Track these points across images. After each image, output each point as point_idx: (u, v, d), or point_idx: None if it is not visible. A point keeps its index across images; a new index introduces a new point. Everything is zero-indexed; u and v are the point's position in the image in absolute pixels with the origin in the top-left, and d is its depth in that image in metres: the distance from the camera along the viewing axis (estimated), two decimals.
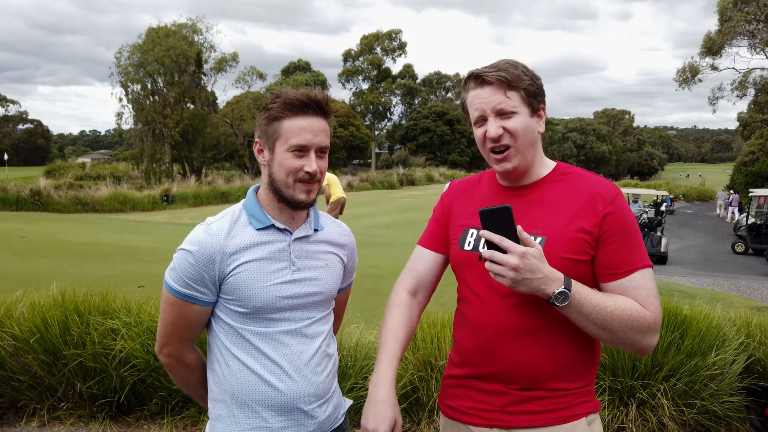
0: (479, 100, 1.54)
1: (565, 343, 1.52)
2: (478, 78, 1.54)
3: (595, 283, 1.54)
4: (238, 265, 1.53)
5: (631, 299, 1.47)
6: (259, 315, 1.55)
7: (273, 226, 1.59)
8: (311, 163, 1.54)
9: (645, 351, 1.51)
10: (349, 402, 1.82)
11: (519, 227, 1.41)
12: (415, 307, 1.73)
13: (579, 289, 1.42)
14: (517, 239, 1.40)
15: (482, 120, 1.55)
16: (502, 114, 1.52)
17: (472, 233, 1.62)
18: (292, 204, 1.58)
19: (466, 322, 1.61)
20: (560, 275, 1.42)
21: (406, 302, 1.71)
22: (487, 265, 1.42)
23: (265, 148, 1.59)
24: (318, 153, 1.57)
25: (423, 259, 1.77)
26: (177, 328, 1.58)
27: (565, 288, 1.40)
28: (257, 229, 1.58)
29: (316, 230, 1.67)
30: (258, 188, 1.67)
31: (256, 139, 1.61)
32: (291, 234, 1.61)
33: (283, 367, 1.56)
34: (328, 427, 1.67)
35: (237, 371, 1.56)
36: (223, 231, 1.54)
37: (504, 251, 1.39)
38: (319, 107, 1.55)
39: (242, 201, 1.65)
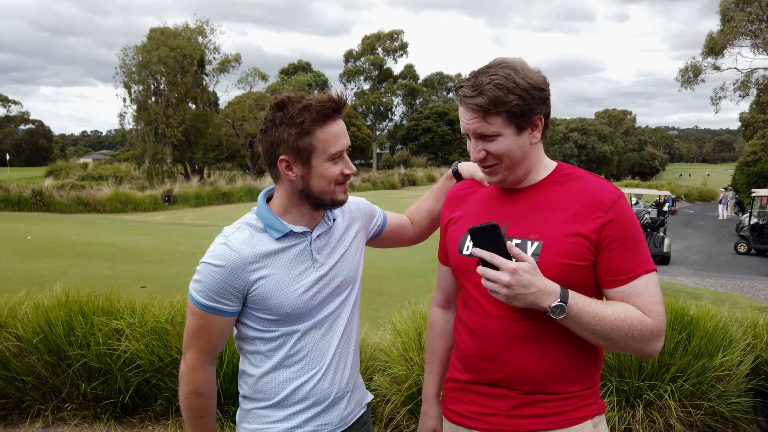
0: (462, 119, 1.50)
1: (569, 346, 1.50)
2: (459, 97, 1.49)
3: (597, 288, 1.51)
4: (263, 276, 1.53)
5: (633, 306, 1.44)
6: (289, 318, 1.57)
7: (291, 232, 1.59)
8: (349, 164, 1.58)
9: (649, 356, 1.50)
10: (370, 396, 1.84)
11: (509, 243, 1.39)
12: (450, 317, 1.81)
13: (576, 301, 1.40)
14: (508, 255, 1.38)
15: (468, 137, 1.52)
16: (483, 137, 1.48)
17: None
18: (334, 205, 1.60)
19: (468, 328, 1.60)
20: (556, 287, 1.39)
21: (440, 320, 1.84)
22: (483, 281, 1.41)
23: (295, 164, 1.54)
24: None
25: (444, 274, 1.82)
26: (197, 337, 1.58)
27: (561, 301, 1.38)
28: (276, 239, 1.57)
29: (333, 219, 1.69)
30: (266, 194, 1.65)
31: (282, 156, 1.53)
32: (311, 233, 1.62)
33: (310, 363, 1.59)
34: (351, 419, 1.70)
35: (265, 370, 1.60)
36: (244, 243, 1.53)
37: (496, 268, 1.38)
38: (342, 108, 1.55)
39: (254, 210, 1.63)
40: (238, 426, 1.67)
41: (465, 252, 1.60)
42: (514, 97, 1.43)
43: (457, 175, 1.87)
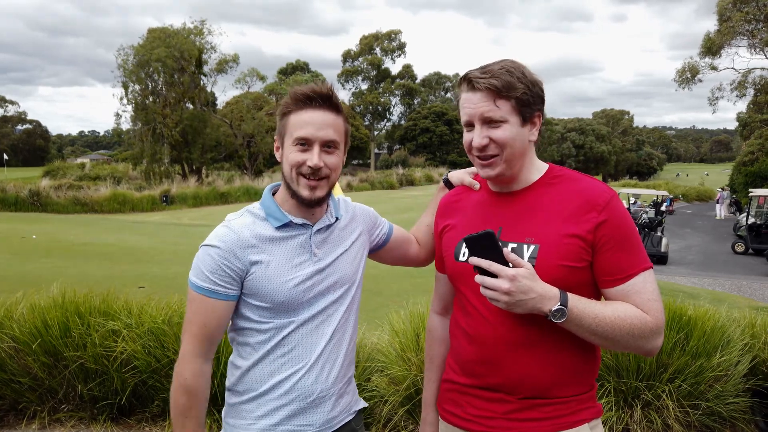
0: (468, 105, 1.49)
1: (567, 351, 1.51)
2: (470, 82, 1.49)
3: (595, 288, 1.52)
4: (259, 262, 1.55)
5: (632, 305, 1.45)
6: (282, 308, 1.57)
7: (291, 222, 1.60)
8: (313, 157, 1.54)
9: (650, 354, 1.51)
10: (362, 404, 1.82)
11: (506, 250, 1.39)
12: (447, 324, 1.79)
13: (576, 303, 1.40)
14: (505, 261, 1.38)
15: (470, 125, 1.51)
16: (489, 122, 1.48)
17: None
18: (299, 200, 1.58)
19: (466, 334, 1.60)
20: (556, 291, 1.39)
21: (438, 327, 1.84)
22: (482, 290, 1.41)
23: (280, 145, 1.62)
24: (324, 147, 1.56)
25: (441, 281, 1.83)
26: (192, 322, 1.58)
27: (561, 304, 1.38)
28: (276, 227, 1.59)
29: (336, 218, 1.69)
30: (273, 187, 1.69)
31: (276, 136, 1.64)
32: (311, 227, 1.63)
33: (296, 359, 1.59)
34: (336, 423, 1.68)
35: (252, 362, 1.60)
36: (244, 228, 1.57)
37: (495, 275, 1.38)
38: (324, 99, 1.56)
39: (260, 200, 1.67)
40: (224, 421, 1.67)
41: (461, 258, 1.60)
42: (523, 86, 1.47)
43: (448, 184, 1.88)
